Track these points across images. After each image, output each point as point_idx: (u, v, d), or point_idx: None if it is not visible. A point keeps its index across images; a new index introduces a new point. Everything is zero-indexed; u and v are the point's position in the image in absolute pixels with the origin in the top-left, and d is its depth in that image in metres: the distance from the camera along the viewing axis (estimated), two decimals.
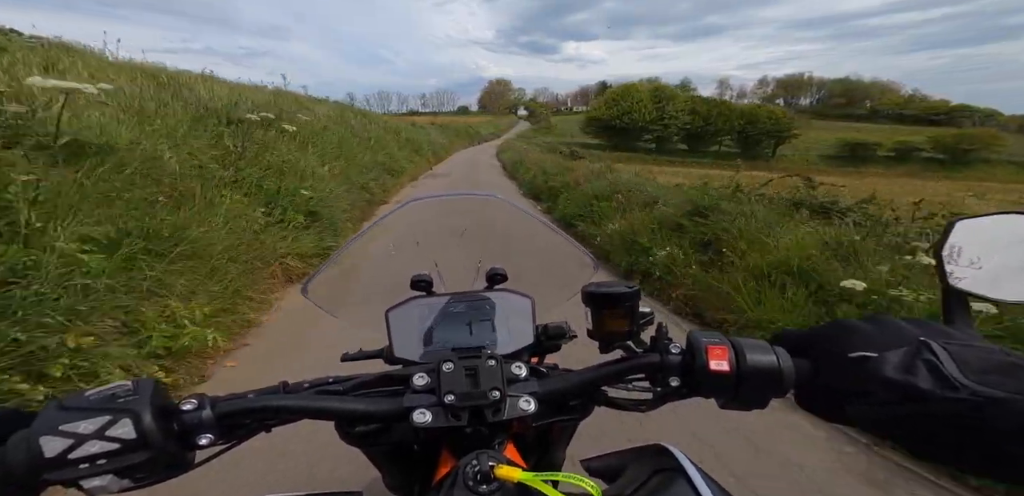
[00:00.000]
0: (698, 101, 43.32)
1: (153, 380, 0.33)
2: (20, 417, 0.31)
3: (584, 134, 45.78)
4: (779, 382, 0.34)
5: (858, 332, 0.34)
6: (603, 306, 0.42)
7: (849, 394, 0.32)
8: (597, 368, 0.41)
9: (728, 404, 0.37)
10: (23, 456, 0.29)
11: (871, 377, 0.30)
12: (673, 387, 0.38)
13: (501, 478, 0.32)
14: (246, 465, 1.33)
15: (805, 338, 0.37)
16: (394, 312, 0.52)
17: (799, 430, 1.82)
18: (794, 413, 1.79)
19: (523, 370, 0.41)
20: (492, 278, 0.56)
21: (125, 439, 0.30)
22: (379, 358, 0.57)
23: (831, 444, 1.72)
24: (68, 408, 0.31)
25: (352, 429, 0.43)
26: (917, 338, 0.30)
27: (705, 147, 45.91)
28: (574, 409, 0.45)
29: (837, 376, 0.33)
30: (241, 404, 0.36)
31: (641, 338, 0.42)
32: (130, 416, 0.30)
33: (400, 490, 0.55)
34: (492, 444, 0.40)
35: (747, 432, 1.63)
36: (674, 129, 41.55)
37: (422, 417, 0.36)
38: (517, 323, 0.52)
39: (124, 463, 0.30)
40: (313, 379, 0.44)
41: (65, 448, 0.29)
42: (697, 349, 0.37)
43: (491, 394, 0.37)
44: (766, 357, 0.35)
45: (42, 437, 0.29)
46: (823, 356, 0.35)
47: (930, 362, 0.28)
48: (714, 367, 0.36)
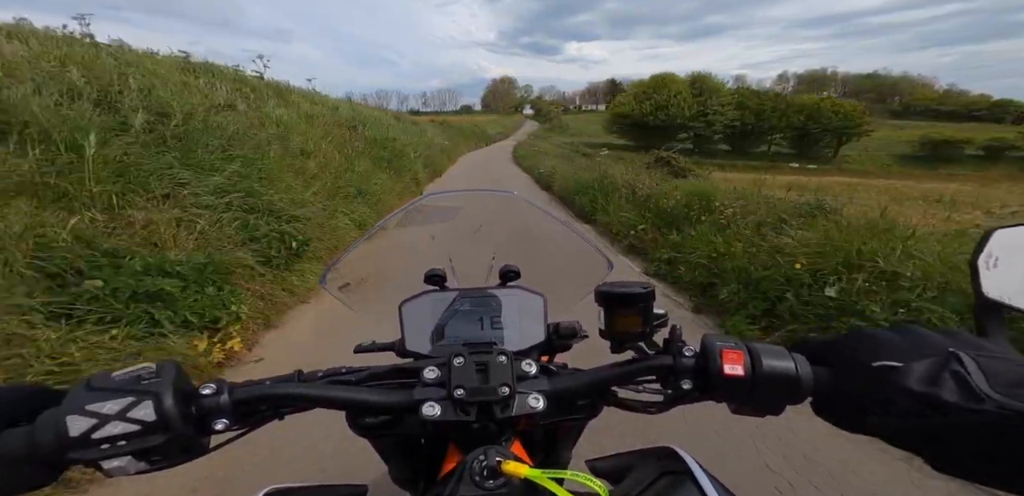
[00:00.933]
0: (747, 94, 35.07)
1: (175, 363, 0.35)
2: (50, 395, 0.33)
3: (608, 133, 42.44)
4: (796, 389, 0.35)
5: (883, 341, 0.34)
6: (616, 306, 0.42)
7: (870, 404, 0.32)
8: (608, 368, 0.42)
9: (741, 409, 0.38)
10: (50, 434, 0.30)
11: (894, 387, 0.30)
12: (685, 390, 0.39)
13: (507, 474, 0.33)
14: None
15: (826, 346, 0.37)
16: (407, 305, 0.54)
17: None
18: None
19: (533, 367, 0.42)
20: (505, 275, 0.57)
21: (145, 421, 0.31)
22: (391, 350, 0.59)
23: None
24: (95, 388, 0.32)
25: (362, 420, 0.45)
26: (946, 349, 0.30)
27: (752, 147, 37.38)
28: (583, 409, 0.46)
29: (858, 385, 0.33)
30: (257, 391, 0.37)
31: (654, 340, 0.42)
32: (152, 398, 0.32)
33: (406, 483, 0.57)
34: (499, 440, 0.41)
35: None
36: (719, 126, 32.96)
37: (431, 410, 0.38)
38: (529, 320, 0.54)
39: (143, 445, 0.31)
40: (327, 369, 0.45)
41: (89, 428, 0.30)
42: (711, 353, 0.37)
43: (500, 390, 0.38)
44: (783, 363, 0.36)
45: (69, 416, 0.31)
46: (844, 364, 0.35)
47: (958, 374, 0.28)
48: (728, 371, 0.36)
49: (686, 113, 35.25)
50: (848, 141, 37.26)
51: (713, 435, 1.58)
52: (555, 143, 18.24)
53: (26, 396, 0.33)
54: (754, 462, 1.45)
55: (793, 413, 0.36)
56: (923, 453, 0.30)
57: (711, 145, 37.99)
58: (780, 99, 36.31)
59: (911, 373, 0.30)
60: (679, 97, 35.43)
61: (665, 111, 35.43)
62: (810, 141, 36.76)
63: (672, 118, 35.24)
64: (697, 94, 36.11)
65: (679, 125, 36.00)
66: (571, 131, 44.91)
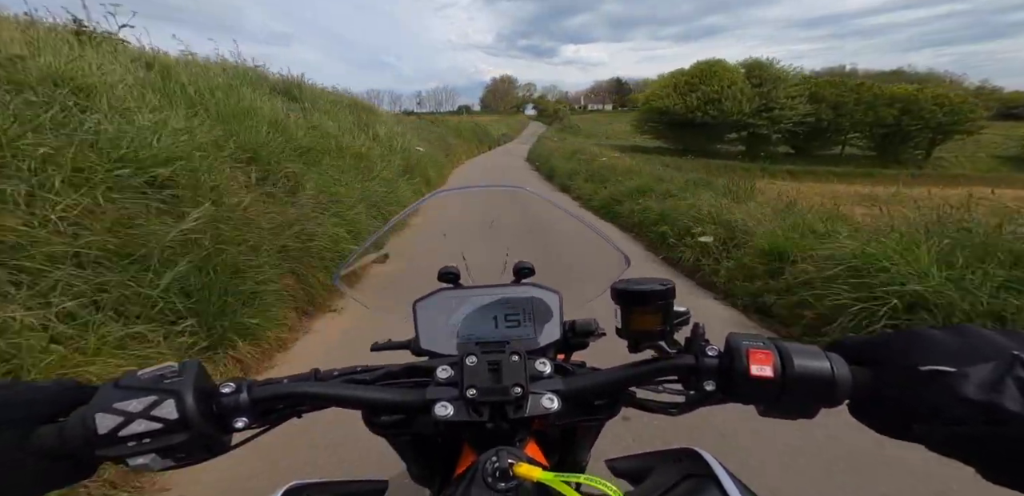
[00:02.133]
0: (821, 83, 25.74)
1: (197, 362, 0.37)
2: (82, 392, 0.35)
3: (638, 133, 36.82)
4: (831, 391, 0.34)
5: (934, 343, 0.32)
6: (633, 304, 0.41)
7: (916, 410, 0.31)
8: (626, 368, 0.42)
9: (769, 412, 0.38)
10: (80, 431, 0.32)
11: (946, 394, 0.29)
12: (708, 391, 0.39)
13: (520, 476, 0.33)
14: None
15: (867, 346, 0.36)
16: (421, 303, 0.54)
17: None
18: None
19: (547, 367, 0.42)
20: (519, 272, 0.57)
21: (168, 419, 0.33)
22: (407, 349, 0.61)
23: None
24: (122, 387, 0.34)
25: (377, 418, 0.46)
26: (1010, 352, 0.29)
27: (822, 148, 28.06)
28: (600, 409, 0.46)
29: (904, 390, 0.32)
30: (275, 389, 0.39)
31: (675, 339, 0.42)
32: (174, 397, 0.34)
33: (424, 481, 0.59)
34: (513, 440, 0.42)
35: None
36: (787, 123, 23.63)
37: (444, 410, 0.39)
38: (543, 319, 0.54)
39: (166, 443, 0.33)
40: (343, 368, 0.47)
41: (116, 425, 0.32)
42: (737, 352, 0.37)
43: (513, 390, 0.39)
44: (817, 363, 0.35)
45: (98, 414, 0.32)
46: (888, 367, 0.33)
47: (1022, 380, 0.27)
48: (756, 372, 0.35)
49: (745, 108, 26.62)
50: (941, 141, 28.72)
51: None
52: (576, 147, 14.89)
53: (64, 392, 0.35)
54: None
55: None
56: (976, 463, 0.29)
57: (767, 147, 32.95)
58: (865, 89, 27.74)
59: (968, 379, 0.29)
60: (734, 88, 26.78)
61: (717, 106, 26.69)
62: (896, 141, 28.28)
63: (727, 114, 26.74)
64: (756, 84, 27.48)
65: (733, 123, 27.55)
66: (584, 131, 40.54)
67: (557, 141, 19.44)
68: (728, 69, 30.92)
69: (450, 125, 20.52)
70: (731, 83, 29.75)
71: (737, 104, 29.32)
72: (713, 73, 30.55)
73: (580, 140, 22.76)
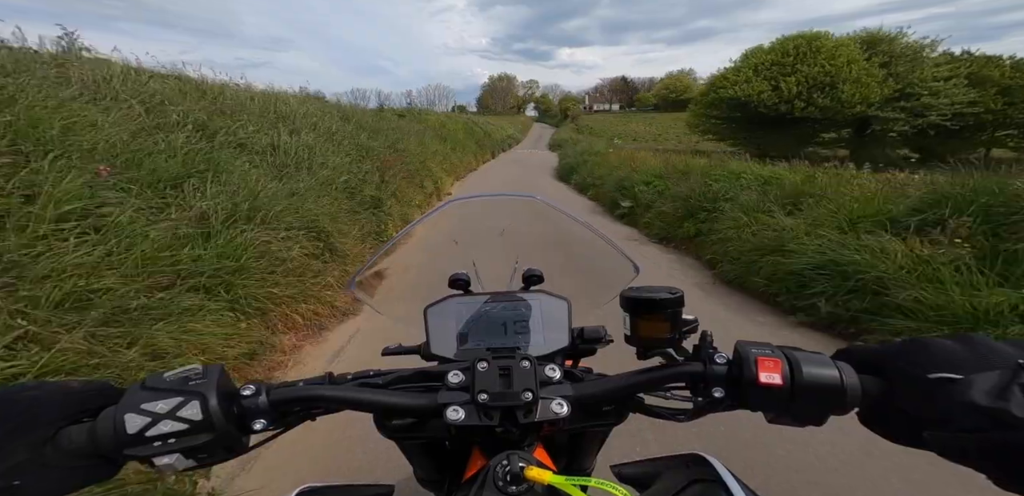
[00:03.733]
0: (982, 62, 13.52)
1: (220, 366, 0.40)
2: (110, 392, 0.38)
3: (696, 132, 28.06)
4: (840, 399, 0.36)
5: (941, 351, 0.34)
6: (642, 311, 0.44)
7: (926, 418, 0.32)
8: (634, 374, 0.45)
9: (778, 419, 0.40)
10: (109, 431, 0.34)
11: (954, 401, 0.30)
12: (716, 398, 0.41)
13: (531, 480, 0.35)
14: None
15: (875, 354, 0.38)
16: (432, 309, 0.59)
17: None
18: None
19: (557, 372, 0.45)
20: (528, 279, 0.62)
21: (193, 420, 0.35)
22: (418, 354, 0.65)
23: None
24: (149, 388, 0.37)
25: (389, 422, 0.49)
26: (1015, 361, 0.30)
27: (959, 151, 16.01)
28: (608, 415, 0.49)
29: (912, 398, 0.33)
30: (293, 392, 0.42)
31: (683, 346, 0.45)
32: (199, 398, 0.36)
33: (431, 484, 0.62)
34: (523, 445, 0.45)
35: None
36: (938, 115, 11.23)
37: (455, 414, 0.41)
38: (553, 325, 0.58)
39: (190, 443, 0.35)
40: (356, 372, 0.51)
41: (144, 426, 0.34)
42: (746, 360, 0.39)
43: (523, 395, 0.41)
44: (826, 371, 0.37)
45: (127, 414, 0.35)
46: (896, 375, 0.35)
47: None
48: (764, 380, 0.37)
49: (874, 94, 15.89)
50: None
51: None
52: (626, 153, 10.73)
53: (94, 392, 0.38)
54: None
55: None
56: (987, 470, 0.30)
57: (881, 150, 23.57)
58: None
59: (974, 386, 0.30)
60: (854, 68, 16.06)
61: (829, 93, 21.48)
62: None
63: (844, 104, 16.04)
64: (883, 63, 16.84)
65: (844, 118, 16.88)
66: (603, 132, 34.02)
67: (585, 144, 16.84)
68: (840, 44, 21.11)
69: (434, 123, 13.81)
70: (848, 61, 19.63)
71: (862, 90, 19.20)
72: (816, 50, 20.49)
73: (608, 142, 17.83)
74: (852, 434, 1.49)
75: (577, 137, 28.12)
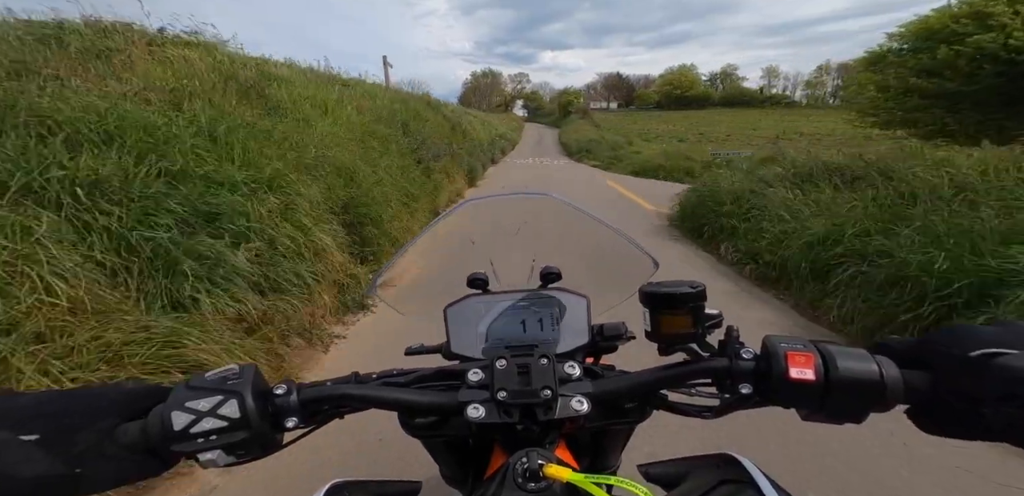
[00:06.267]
0: None
1: (254, 365, 0.42)
2: (160, 392, 0.40)
3: (866, 120, 17.23)
4: (880, 395, 0.35)
5: (979, 333, 0.34)
6: (663, 307, 0.43)
7: (980, 399, 0.30)
8: (656, 370, 0.45)
9: (812, 416, 0.38)
10: (158, 427, 0.36)
11: (1008, 374, 0.29)
12: (744, 394, 0.40)
13: (550, 477, 0.35)
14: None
15: (914, 345, 0.37)
16: (452, 309, 0.59)
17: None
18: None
19: (576, 370, 0.45)
20: (546, 277, 0.61)
21: (232, 417, 0.37)
22: (439, 353, 0.67)
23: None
24: (192, 387, 0.39)
25: (412, 420, 0.50)
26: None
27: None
28: (630, 412, 0.49)
29: (961, 381, 0.32)
30: (322, 391, 0.44)
31: (708, 342, 0.44)
32: (236, 397, 0.38)
33: (455, 482, 0.64)
34: (543, 443, 0.45)
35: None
36: None
37: (475, 412, 0.42)
38: (571, 322, 0.58)
39: (229, 440, 0.37)
40: (380, 371, 0.52)
41: (188, 423, 0.36)
42: (775, 355, 0.38)
43: (543, 393, 0.41)
44: (864, 365, 0.35)
45: (173, 412, 0.37)
46: (939, 361, 0.34)
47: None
48: (795, 375, 0.36)
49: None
50: None
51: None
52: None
53: (143, 392, 0.40)
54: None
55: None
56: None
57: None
58: None
59: (1022, 357, 0.29)
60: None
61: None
62: None
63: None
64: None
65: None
66: (627, 133, 26.97)
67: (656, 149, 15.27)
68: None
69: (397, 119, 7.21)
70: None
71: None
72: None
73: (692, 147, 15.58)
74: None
75: (614, 138, 22.44)
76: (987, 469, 1.52)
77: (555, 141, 31.27)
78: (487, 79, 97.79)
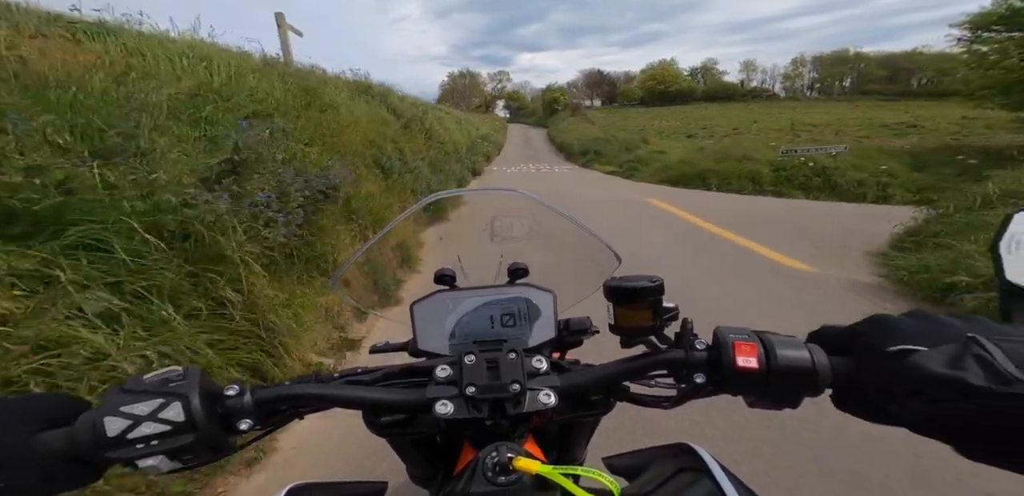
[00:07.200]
0: None
1: (200, 368, 0.40)
2: (82, 403, 0.38)
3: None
4: (813, 380, 0.37)
5: (898, 327, 0.35)
6: (625, 300, 0.44)
7: (891, 391, 0.33)
8: (619, 363, 0.45)
9: (757, 403, 0.40)
10: (89, 433, 0.34)
11: (915, 372, 0.31)
12: (698, 384, 0.41)
13: (520, 470, 0.35)
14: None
15: (843, 335, 0.39)
16: (419, 305, 0.57)
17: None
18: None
19: (544, 364, 0.45)
20: (514, 272, 0.61)
21: (175, 421, 0.35)
22: (405, 350, 0.65)
23: None
24: (128, 391, 0.36)
25: (378, 419, 0.49)
26: (964, 334, 0.31)
27: None
28: (595, 404, 0.50)
29: (878, 373, 0.34)
30: (278, 391, 0.42)
31: (665, 334, 0.46)
32: (180, 400, 0.36)
33: (423, 481, 0.62)
34: (512, 437, 0.45)
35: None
36: None
37: (444, 408, 0.41)
38: (538, 317, 0.57)
39: (174, 444, 0.35)
40: (343, 369, 0.52)
41: (125, 428, 0.34)
42: (724, 345, 0.39)
43: (511, 387, 0.41)
44: (798, 353, 0.37)
45: (107, 417, 0.34)
46: (862, 353, 0.36)
47: (980, 357, 0.29)
48: (741, 364, 0.37)
49: None
50: None
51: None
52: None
53: (62, 402, 0.38)
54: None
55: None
56: (951, 441, 0.31)
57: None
58: None
59: (932, 357, 0.30)
60: None
61: None
62: None
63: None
64: None
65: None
66: (620, 130, 23.20)
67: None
68: None
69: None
70: None
71: None
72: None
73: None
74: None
75: (625, 136, 18.78)
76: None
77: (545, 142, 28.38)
78: (465, 79, 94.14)
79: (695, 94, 74.62)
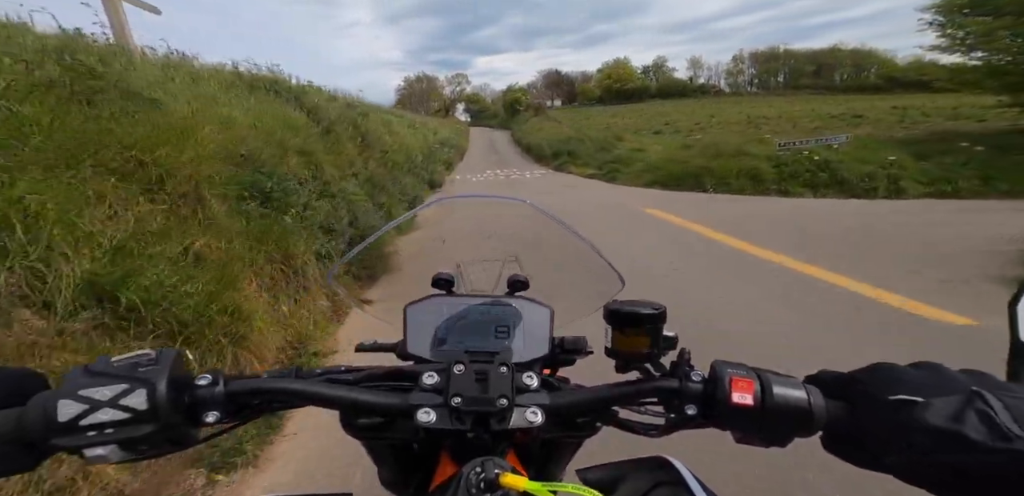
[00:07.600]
0: None
1: (176, 351, 0.38)
2: (41, 380, 0.37)
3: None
4: (807, 421, 0.36)
5: (903, 377, 0.35)
6: (625, 325, 0.44)
7: (887, 441, 0.33)
8: (611, 387, 0.45)
9: (745, 439, 0.40)
10: (39, 417, 0.32)
11: (913, 423, 0.31)
12: (689, 415, 0.41)
13: (506, 486, 0.34)
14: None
15: (843, 379, 0.39)
16: (412, 308, 0.57)
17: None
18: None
19: (534, 380, 0.44)
20: (513, 284, 0.61)
21: (137, 409, 0.33)
22: (393, 351, 0.63)
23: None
24: (92, 372, 0.34)
25: (356, 421, 0.48)
26: (969, 388, 0.31)
27: None
28: (582, 426, 0.49)
29: (875, 421, 0.34)
30: (253, 384, 0.40)
31: (661, 362, 0.45)
32: (146, 386, 0.34)
33: (395, 487, 0.61)
34: (494, 452, 0.43)
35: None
36: None
37: (426, 416, 0.40)
38: (534, 333, 0.57)
39: (130, 434, 0.33)
40: (325, 367, 0.51)
41: (79, 413, 0.32)
42: (720, 379, 0.39)
43: (499, 401, 0.40)
44: (795, 393, 0.37)
45: (61, 400, 0.33)
46: (860, 399, 0.36)
47: (982, 412, 0.29)
48: (736, 400, 0.37)
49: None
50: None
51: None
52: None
53: (20, 378, 0.35)
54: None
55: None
56: (943, 493, 0.31)
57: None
58: None
59: (932, 409, 0.30)
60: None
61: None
62: None
63: None
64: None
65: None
66: (590, 129, 22.72)
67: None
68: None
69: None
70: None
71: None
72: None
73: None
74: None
75: (597, 135, 17.67)
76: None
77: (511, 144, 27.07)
78: (422, 84, 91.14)
79: (649, 92, 76.23)
